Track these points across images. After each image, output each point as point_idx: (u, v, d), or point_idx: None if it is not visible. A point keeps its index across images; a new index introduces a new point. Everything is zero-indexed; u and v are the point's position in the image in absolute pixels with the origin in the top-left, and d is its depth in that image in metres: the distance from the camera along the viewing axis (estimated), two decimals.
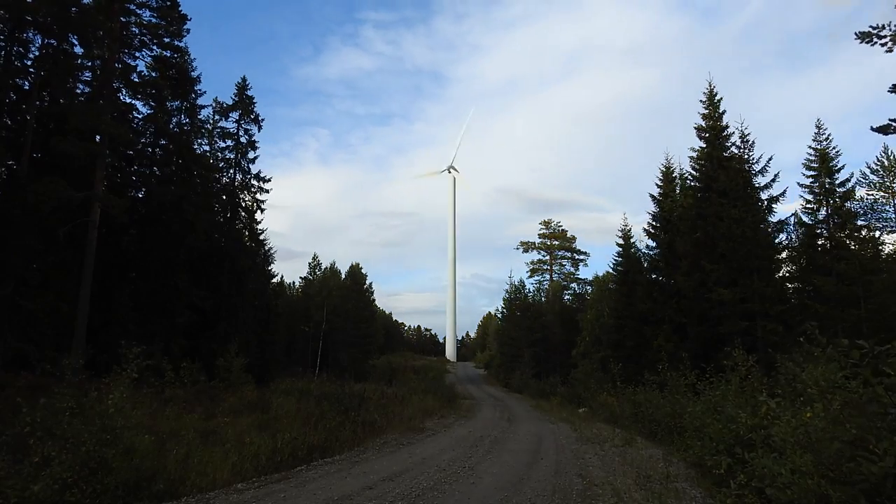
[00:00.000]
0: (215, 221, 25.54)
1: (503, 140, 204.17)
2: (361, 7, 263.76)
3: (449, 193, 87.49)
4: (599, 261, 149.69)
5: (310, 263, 48.84)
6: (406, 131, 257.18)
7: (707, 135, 21.03)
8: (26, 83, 18.58)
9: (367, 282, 54.22)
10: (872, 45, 9.64)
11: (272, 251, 30.72)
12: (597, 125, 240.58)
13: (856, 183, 20.10)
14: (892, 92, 11.01)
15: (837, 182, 18.71)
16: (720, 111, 20.93)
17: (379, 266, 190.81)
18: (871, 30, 9.65)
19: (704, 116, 21.19)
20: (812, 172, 19.14)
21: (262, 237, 29.18)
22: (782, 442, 5.84)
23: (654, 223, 24.31)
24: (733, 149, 20.14)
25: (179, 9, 21.13)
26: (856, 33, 9.88)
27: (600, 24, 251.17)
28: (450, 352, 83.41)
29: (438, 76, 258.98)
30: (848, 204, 18.78)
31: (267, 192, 28.17)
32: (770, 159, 19.42)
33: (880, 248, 20.25)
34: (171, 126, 23.99)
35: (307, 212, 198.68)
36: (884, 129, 11.36)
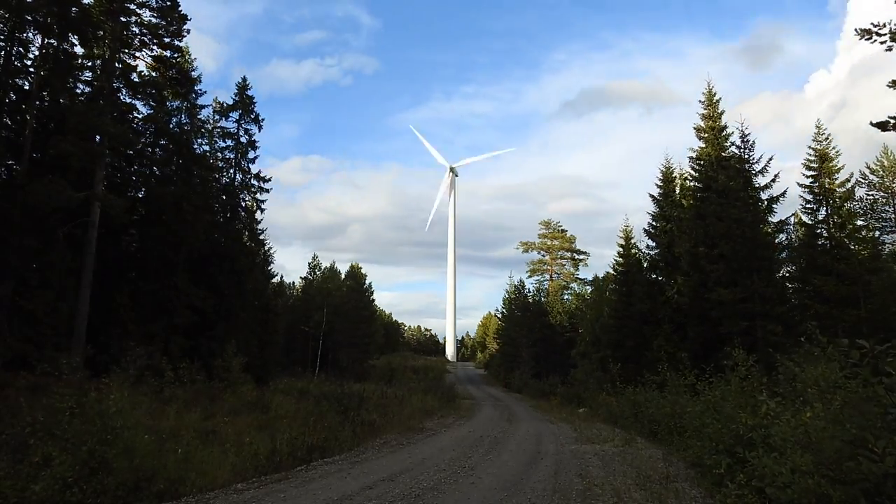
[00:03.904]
0: (215, 221, 25.51)
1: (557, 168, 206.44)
2: (472, 69, 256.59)
3: (449, 194, 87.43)
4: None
5: (309, 263, 48.82)
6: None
7: (706, 135, 21.01)
8: (26, 83, 18.53)
9: (367, 282, 54.23)
10: (872, 42, 9.60)
11: (272, 251, 30.88)
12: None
13: (855, 183, 20.14)
14: (890, 87, 10.96)
15: (837, 182, 18.73)
16: (719, 111, 20.92)
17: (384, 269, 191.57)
18: (871, 27, 9.60)
19: (703, 116, 21.17)
20: (812, 172, 19.16)
21: (261, 237, 29.28)
22: (782, 441, 5.84)
23: (653, 223, 24.31)
24: (733, 149, 20.14)
25: (179, 8, 21.10)
26: (856, 30, 9.83)
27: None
28: (450, 352, 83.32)
29: (526, 116, 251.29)
30: (848, 204, 18.79)
31: (267, 191, 28.20)
32: (770, 159, 19.41)
33: (880, 248, 20.29)
34: (171, 126, 23.96)
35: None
36: (882, 126, 11.29)
